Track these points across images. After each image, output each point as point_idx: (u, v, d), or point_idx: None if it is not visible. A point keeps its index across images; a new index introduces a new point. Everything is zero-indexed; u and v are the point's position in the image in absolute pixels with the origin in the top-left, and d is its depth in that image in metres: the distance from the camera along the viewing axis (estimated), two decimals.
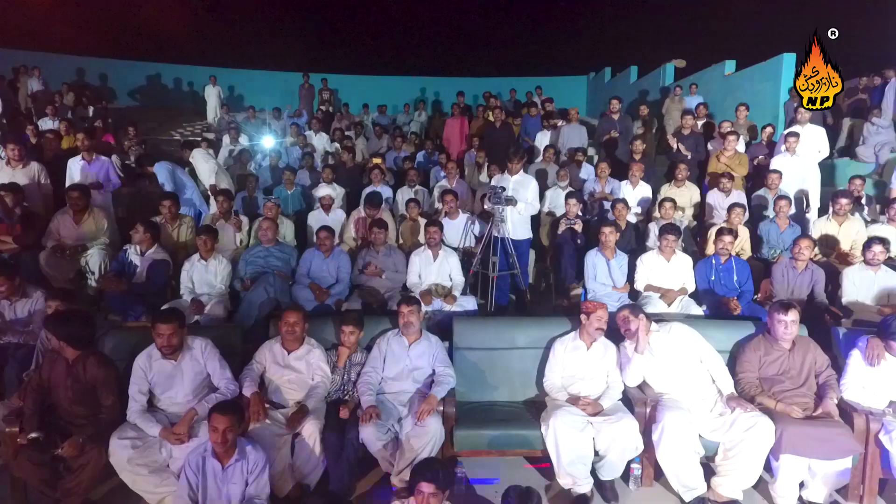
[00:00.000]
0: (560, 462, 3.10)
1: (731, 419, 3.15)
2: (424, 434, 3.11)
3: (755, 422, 3.06)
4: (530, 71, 17.75)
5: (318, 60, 17.09)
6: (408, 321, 3.47)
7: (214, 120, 13.93)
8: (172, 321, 3.11)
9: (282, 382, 3.38)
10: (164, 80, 17.50)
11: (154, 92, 17.07)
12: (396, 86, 17.65)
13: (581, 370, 3.47)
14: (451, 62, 19.33)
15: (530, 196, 5.01)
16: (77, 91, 12.77)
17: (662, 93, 13.37)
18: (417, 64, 18.82)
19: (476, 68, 18.52)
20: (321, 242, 4.73)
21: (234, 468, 2.73)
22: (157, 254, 4.62)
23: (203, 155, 6.48)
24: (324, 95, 13.28)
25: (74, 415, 3.04)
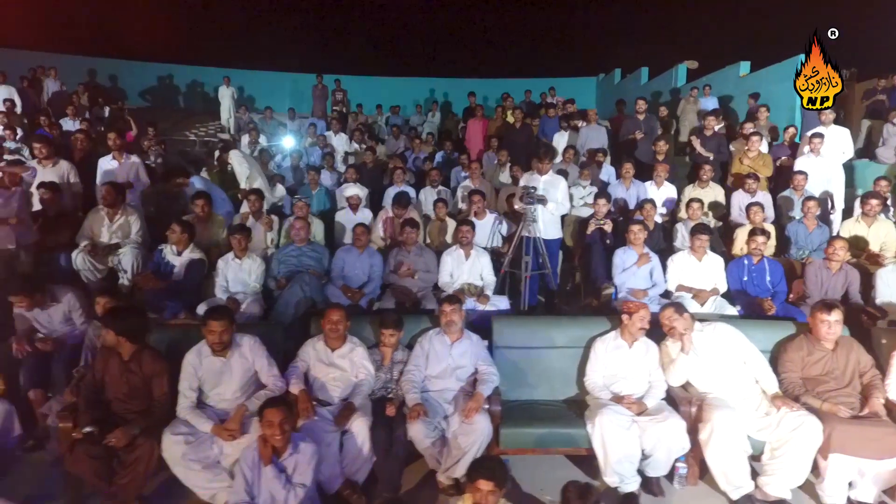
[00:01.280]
0: (607, 461, 3.11)
1: (778, 418, 3.15)
2: (472, 432, 3.13)
3: (802, 421, 3.07)
4: (538, 72, 17.77)
5: (326, 61, 17.12)
6: (450, 320, 3.49)
7: (228, 121, 13.97)
8: (224, 318, 3.15)
9: (327, 380, 3.41)
10: (175, 80, 17.55)
11: (164, 93, 17.13)
12: (404, 87, 17.68)
13: (623, 369, 3.49)
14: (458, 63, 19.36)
15: (560, 196, 5.03)
16: (92, 92, 12.85)
17: (674, 94, 13.36)
18: (425, 65, 18.87)
19: (483, 69, 18.57)
20: (357, 238, 4.77)
21: (287, 462, 2.75)
22: (193, 253, 4.65)
23: (239, 156, 6.51)
24: (337, 96, 13.33)
25: (128, 409, 3.08)
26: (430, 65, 18.93)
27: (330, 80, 13.59)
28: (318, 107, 13.20)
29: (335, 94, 13.32)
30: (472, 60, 19.99)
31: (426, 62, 19.14)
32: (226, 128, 14.04)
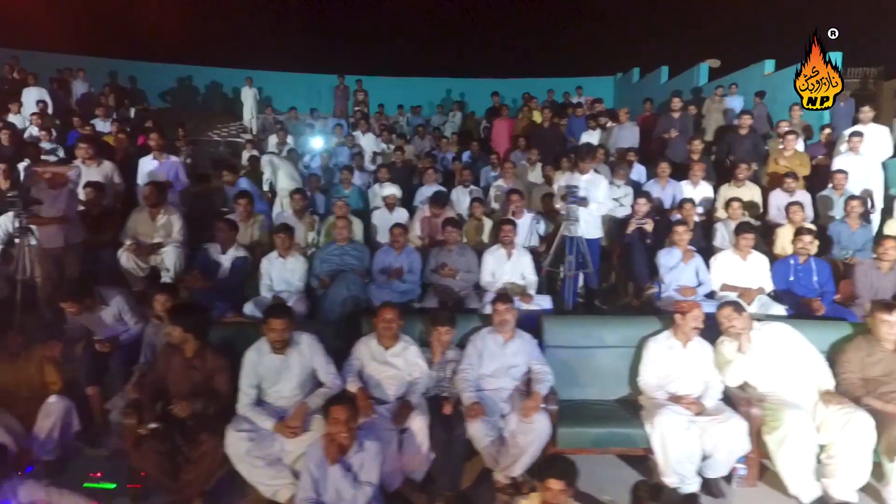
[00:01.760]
0: (668, 461, 3.09)
1: (826, 417, 3.13)
2: (531, 431, 3.13)
3: (848, 418, 3.05)
4: (555, 72, 17.71)
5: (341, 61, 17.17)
6: (504, 319, 3.49)
7: (250, 121, 14.08)
8: (284, 316, 3.18)
9: (382, 378, 3.42)
10: (195, 81, 17.71)
11: (184, 94, 17.28)
12: (420, 87, 17.68)
13: (677, 369, 3.46)
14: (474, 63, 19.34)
15: (601, 195, 5.02)
16: (118, 93, 13.02)
17: (695, 93, 13.24)
18: (440, 65, 18.87)
19: (499, 69, 18.52)
20: (395, 239, 4.78)
21: (353, 460, 2.77)
22: (237, 252, 4.70)
23: (266, 160, 6.56)
24: (358, 97, 13.36)
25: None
26: (446, 65, 18.92)
27: (351, 81, 13.64)
28: (339, 107, 13.26)
29: (357, 95, 13.36)
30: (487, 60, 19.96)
31: (441, 62, 19.12)
32: (248, 128, 14.14)
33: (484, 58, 20.29)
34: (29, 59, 12.56)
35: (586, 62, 18.77)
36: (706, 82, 13.87)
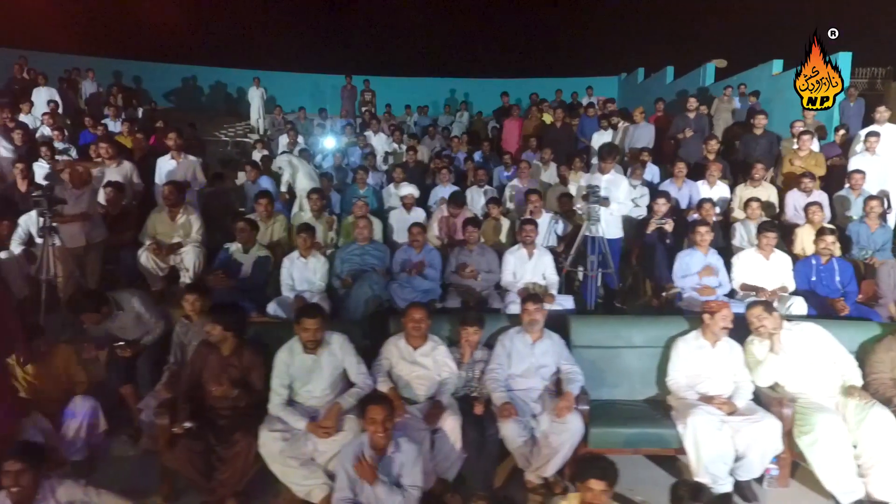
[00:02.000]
0: (700, 461, 3.09)
1: (845, 413, 3.13)
2: (564, 431, 3.12)
3: (865, 414, 3.06)
4: (559, 72, 17.71)
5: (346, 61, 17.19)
6: (534, 319, 3.49)
7: (257, 121, 14.07)
8: (318, 316, 3.17)
9: (411, 378, 3.42)
10: (199, 82, 17.70)
11: (188, 94, 17.27)
12: (425, 87, 17.67)
13: (707, 369, 3.46)
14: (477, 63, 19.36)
15: (622, 195, 5.01)
16: (125, 93, 13.01)
17: (701, 93, 13.23)
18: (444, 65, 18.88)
19: (503, 69, 18.54)
20: (414, 238, 4.78)
21: (390, 459, 2.76)
22: (259, 251, 4.70)
23: (285, 160, 6.56)
24: (366, 97, 13.33)
25: (225, 405, 3.11)
26: (449, 65, 18.93)
27: (358, 81, 13.62)
28: (346, 107, 13.23)
29: (364, 95, 13.34)
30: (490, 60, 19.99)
31: (444, 62, 19.15)
32: (255, 128, 14.14)
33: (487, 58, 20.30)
34: (33, 59, 12.52)
35: (590, 62, 18.76)
36: (713, 82, 13.85)
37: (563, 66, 18.53)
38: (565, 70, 17.87)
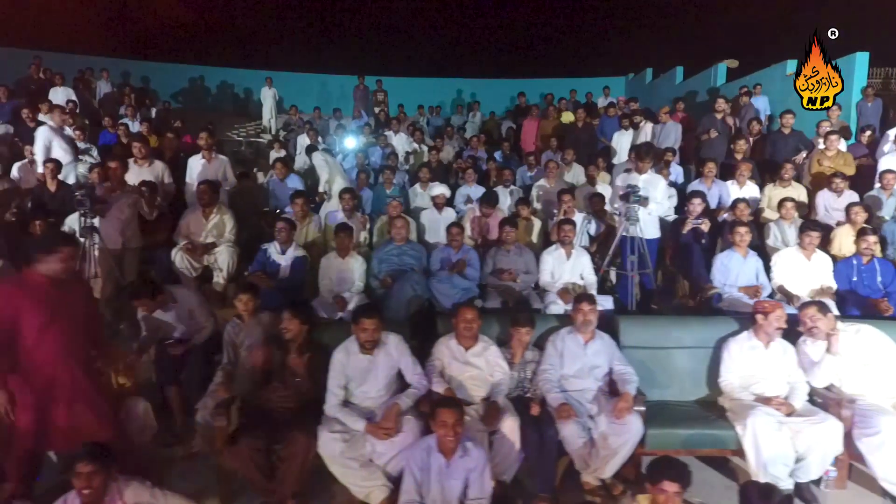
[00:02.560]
0: (760, 462, 3.07)
1: None
2: (624, 432, 3.10)
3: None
4: (565, 72, 17.69)
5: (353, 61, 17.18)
6: (588, 319, 3.47)
7: (270, 122, 14.05)
8: (375, 316, 3.15)
9: (464, 379, 3.40)
10: (206, 82, 17.67)
11: (196, 94, 17.22)
12: (432, 87, 17.63)
13: (761, 370, 3.44)
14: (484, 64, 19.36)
15: (659, 195, 5.00)
16: (138, 93, 12.98)
17: (712, 94, 13.22)
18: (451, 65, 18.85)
19: (509, 70, 18.52)
20: (453, 238, 4.76)
21: (457, 464, 2.74)
22: (297, 251, 4.68)
23: (321, 159, 6.55)
24: (378, 97, 13.31)
25: (287, 405, 3.10)
26: (454, 65, 18.91)
27: (371, 81, 13.60)
28: (359, 107, 13.21)
29: (376, 95, 13.32)
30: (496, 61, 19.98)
31: (450, 63, 19.12)
32: (267, 128, 14.12)
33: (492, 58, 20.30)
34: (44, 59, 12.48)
35: (597, 62, 18.74)
36: (724, 83, 13.81)
37: (569, 66, 18.51)
38: (572, 70, 17.82)
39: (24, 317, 2.67)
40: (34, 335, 2.69)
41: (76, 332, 2.82)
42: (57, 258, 2.73)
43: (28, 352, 2.70)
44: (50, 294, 2.73)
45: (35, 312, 2.68)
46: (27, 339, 2.69)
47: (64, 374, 2.76)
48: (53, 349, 2.72)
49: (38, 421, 2.73)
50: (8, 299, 2.69)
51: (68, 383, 2.76)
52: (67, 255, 2.78)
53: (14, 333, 2.67)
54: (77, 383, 2.78)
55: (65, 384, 2.76)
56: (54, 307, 2.73)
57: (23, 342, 2.69)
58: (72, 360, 2.78)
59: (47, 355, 2.72)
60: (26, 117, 8.38)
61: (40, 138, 6.13)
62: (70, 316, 2.79)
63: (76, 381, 2.78)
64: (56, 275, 2.75)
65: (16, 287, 2.77)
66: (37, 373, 2.70)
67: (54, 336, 2.72)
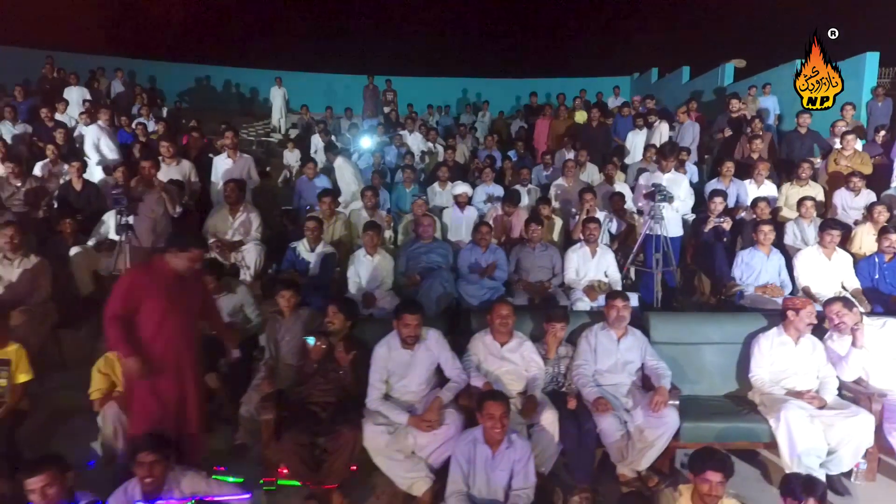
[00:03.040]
0: (794, 454, 3.13)
1: None
2: (661, 425, 3.17)
3: None
4: (571, 72, 17.73)
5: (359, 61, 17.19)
6: (622, 315, 3.54)
7: (279, 121, 14.10)
8: (418, 312, 3.22)
9: (500, 374, 3.46)
10: (212, 81, 17.72)
11: (201, 94, 17.26)
12: (438, 87, 17.67)
13: (792, 365, 3.51)
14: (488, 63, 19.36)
15: (683, 193, 5.07)
16: (149, 93, 13.04)
17: (719, 93, 13.28)
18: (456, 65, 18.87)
19: (514, 69, 18.55)
20: (482, 237, 4.82)
21: (503, 455, 2.81)
22: (325, 248, 4.75)
23: (343, 161, 6.63)
24: (388, 97, 13.35)
25: (328, 400, 3.17)
26: (459, 65, 18.91)
27: (380, 81, 13.64)
28: (369, 107, 13.24)
29: (386, 95, 13.36)
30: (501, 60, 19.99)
31: (454, 62, 19.11)
32: (276, 128, 14.17)
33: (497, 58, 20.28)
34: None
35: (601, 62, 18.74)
36: (732, 82, 13.85)
37: (574, 65, 18.51)
38: (577, 70, 17.85)
39: (147, 302, 2.81)
40: (154, 321, 2.83)
41: (190, 325, 2.98)
42: (187, 257, 2.88)
43: (146, 337, 2.83)
44: (172, 285, 2.87)
45: (156, 299, 2.83)
46: (147, 324, 2.83)
47: (177, 363, 2.89)
48: (169, 338, 2.86)
49: (151, 405, 2.84)
50: (138, 282, 2.85)
51: (180, 372, 2.90)
52: (196, 256, 2.94)
53: (135, 315, 2.81)
54: (187, 373, 2.93)
55: (177, 373, 2.89)
56: (174, 298, 2.87)
57: (143, 327, 2.82)
58: (185, 350, 2.92)
59: (164, 343, 2.85)
60: (45, 117, 8.47)
61: (90, 137, 6.24)
62: (186, 309, 2.95)
63: (186, 371, 2.92)
64: (182, 270, 2.89)
65: (144, 273, 2.93)
66: (153, 358, 2.81)
67: (171, 325, 2.86)
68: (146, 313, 2.81)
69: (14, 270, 4.13)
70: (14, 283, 4.07)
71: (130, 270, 2.96)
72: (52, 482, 2.33)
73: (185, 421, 2.91)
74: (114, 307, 2.78)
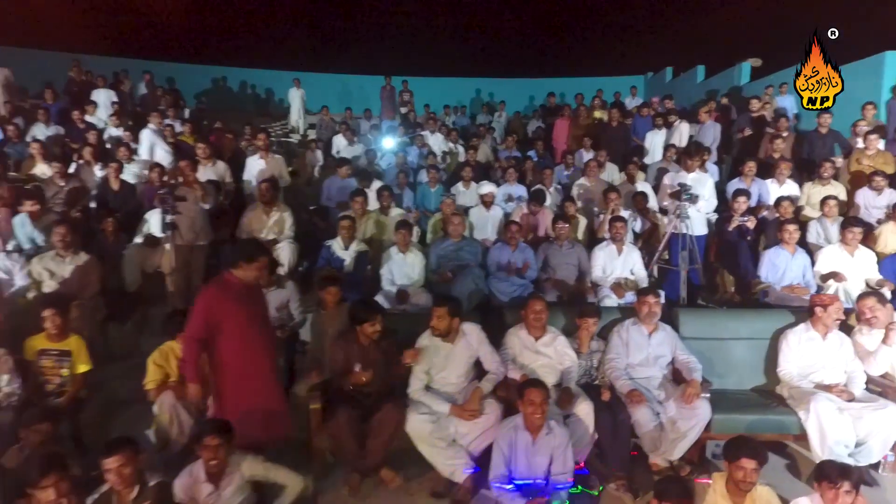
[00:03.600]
0: (824, 445, 3.23)
1: None
2: (693, 416, 3.29)
3: None
4: (584, 71, 17.76)
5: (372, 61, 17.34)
6: (653, 311, 3.66)
7: (297, 122, 14.29)
8: (444, 305, 3.40)
9: (536, 367, 3.59)
10: (229, 83, 17.94)
11: (217, 95, 17.47)
12: (451, 87, 17.76)
13: (819, 360, 3.60)
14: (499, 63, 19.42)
15: (707, 192, 5.16)
16: (173, 94, 13.30)
17: (734, 92, 13.25)
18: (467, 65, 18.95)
19: (525, 69, 18.58)
20: (512, 236, 4.95)
21: (543, 441, 2.94)
22: (358, 246, 4.91)
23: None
24: (404, 97, 13.49)
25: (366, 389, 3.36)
26: (470, 65, 18.97)
27: (397, 82, 13.77)
28: (386, 108, 13.39)
29: (402, 96, 13.50)
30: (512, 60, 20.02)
31: (466, 62, 19.17)
32: (295, 128, 14.37)
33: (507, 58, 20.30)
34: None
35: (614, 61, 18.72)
36: (748, 81, 13.80)
37: (587, 65, 18.52)
38: (590, 69, 17.87)
39: (226, 319, 2.91)
40: (236, 336, 2.92)
41: (266, 332, 3.09)
42: (255, 266, 2.97)
43: (233, 351, 2.93)
44: (243, 298, 2.98)
45: (235, 313, 2.93)
46: (230, 340, 2.93)
47: (260, 371, 3.00)
48: (252, 348, 2.97)
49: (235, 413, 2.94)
50: (216, 300, 2.94)
51: (262, 380, 3.02)
52: (263, 264, 3.03)
53: (215, 332, 2.91)
54: (268, 380, 3.05)
55: (259, 380, 3.01)
56: (248, 309, 2.98)
57: (227, 343, 2.93)
58: (265, 357, 3.03)
59: (249, 353, 2.96)
60: (76, 119, 8.72)
61: (145, 140, 6.50)
62: (260, 317, 3.07)
63: (268, 377, 3.04)
64: (251, 281, 2.99)
65: (217, 292, 2.98)
66: (236, 369, 2.94)
67: (251, 336, 2.97)
68: (227, 330, 2.91)
69: (66, 267, 4.33)
70: (67, 279, 4.27)
71: (204, 293, 3.00)
72: (126, 462, 2.50)
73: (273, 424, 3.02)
74: (194, 330, 2.89)
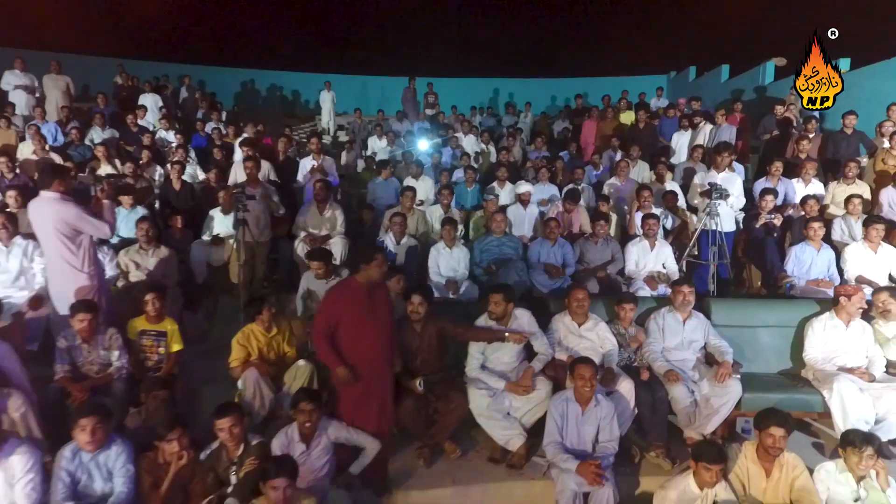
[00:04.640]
0: (847, 421, 3.54)
1: None
2: (725, 394, 3.63)
3: None
4: (607, 71, 17.89)
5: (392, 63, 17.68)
6: (687, 300, 4.00)
7: (328, 123, 14.74)
8: (499, 291, 3.79)
9: (580, 349, 3.96)
10: (257, 85, 18.48)
11: (249, 97, 18.01)
12: (473, 88, 18.02)
13: (842, 346, 3.92)
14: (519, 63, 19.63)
15: (736, 191, 5.46)
16: (209, 99, 13.88)
17: (759, 92, 13.34)
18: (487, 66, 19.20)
19: (546, 69, 18.77)
20: (551, 231, 5.31)
21: (591, 412, 3.32)
22: (409, 241, 5.32)
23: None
24: (429, 99, 13.84)
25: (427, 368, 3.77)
26: (490, 65, 19.18)
27: (421, 84, 14.07)
28: (408, 109, 13.72)
29: (427, 97, 13.84)
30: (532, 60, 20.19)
31: (486, 63, 19.39)
32: (326, 130, 14.83)
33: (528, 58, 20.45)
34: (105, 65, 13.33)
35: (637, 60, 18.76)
36: (773, 81, 13.87)
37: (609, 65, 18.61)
38: (612, 69, 17.96)
39: (344, 317, 3.15)
40: (350, 333, 3.14)
41: (384, 331, 3.25)
42: (375, 265, 3.17)
43: (345, 347, 3.17)
44: (363, 300, 3.17)
45: (352, 313, 3.15)
46: (345, 336, 3.15)
47: (375, 370, 3.22)
48: (366, 345, 3.18)
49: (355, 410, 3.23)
50: (337, 299, 3.20)
51: (379, 378, 3.25)
52: (381, 261, 3.21)
53: (336, 330, 3.15)
54: (385, 378, 3.28)
55: (377, 379, 3.24)
56: (368, 310, 3.17)
57: (342, 339, 3.16)
58: (380, 355, 3.24)
59: (362, 352, 3.17)
60: (130, 122, 9.29)
61: None
62: (379, 317, 3.24)
63: (384, 376, 3.28)
64: (371, 280, 3.20)
65: (340, 294, 3.25)
66: (350, 360, 3.16)
67: (366, 335, 3.17)
68: (344, 328, 3.14)
69: (149, 259, 4.81)
70: (151, 271, 4.75)
71: (330, 294, 3.27)
72: (236, 423, 2.93)
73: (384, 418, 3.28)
74: (319, 326, 3.15)
